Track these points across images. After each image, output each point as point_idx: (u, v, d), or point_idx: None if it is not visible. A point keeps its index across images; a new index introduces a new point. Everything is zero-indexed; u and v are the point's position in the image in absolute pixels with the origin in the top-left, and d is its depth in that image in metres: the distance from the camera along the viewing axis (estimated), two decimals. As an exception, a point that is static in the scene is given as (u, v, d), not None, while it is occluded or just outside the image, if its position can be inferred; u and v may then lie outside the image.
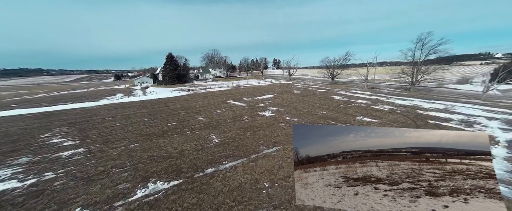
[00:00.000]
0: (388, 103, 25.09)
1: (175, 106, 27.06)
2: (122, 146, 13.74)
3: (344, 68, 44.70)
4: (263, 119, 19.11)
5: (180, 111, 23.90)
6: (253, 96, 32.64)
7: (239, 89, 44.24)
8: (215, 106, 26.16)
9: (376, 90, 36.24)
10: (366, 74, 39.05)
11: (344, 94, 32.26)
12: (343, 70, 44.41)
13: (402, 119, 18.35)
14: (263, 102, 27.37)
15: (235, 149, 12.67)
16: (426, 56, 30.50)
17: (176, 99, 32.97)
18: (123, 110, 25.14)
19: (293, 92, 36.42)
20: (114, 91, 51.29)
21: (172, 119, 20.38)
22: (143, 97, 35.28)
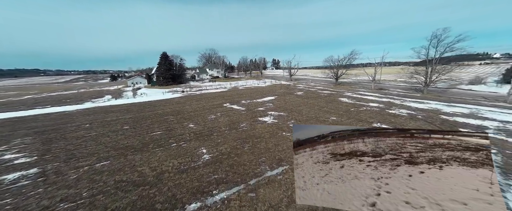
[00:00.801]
0: (404, 107, 22.35)
1: (164, 110, 24.14)
2: (87, 166, 10.86)
3: (349, 68, 41.90)
4: (264, 127, 16.28)
5: (169, 116, 21.01)
6: (252, 99, 29.81)
7: (237, 90, 41.40)
8: (209, 110, 23.29)
9: (385, 92, 33.54)
10: (373, 75, 36.33)
11: (352, 96, 29.51)
12: (348, 70, 41.62)
13: (427, 127, 15.58)
14: (263, 106, 24.55)
15: (229, 170, 9.84)
16: (441, 54, 27.86)
17: (167, 102, 30.04)
18: (105, 115, 22.20)
19: (296, 93, 33.63)
20: (104, 92, 48.25)
21: (158, 126, 17.49)
22: (131, 100, 32.33)
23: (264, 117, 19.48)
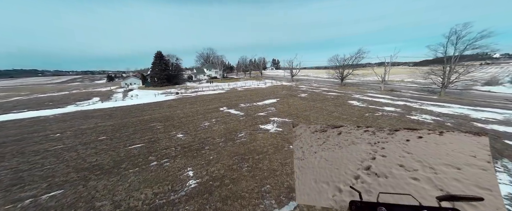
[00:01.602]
0: (424, 111, 19.63)
1: (152, 115, 21.33)
2: (30, 197, 8.07)
3: (356, 68, 39.02)
4: (266, 138, 13.54)
5: (156, 123, 18.22)
6: (252, 101, 27.04)
7: (236, 92, 38.61)
8: (203, 115, 20.50)
9: (397, 93, 30.83)
10: (383, 75, 33.58)
11: (362, 99, 26.77)
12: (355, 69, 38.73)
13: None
14: (264, 110, 21.79)
15: (221, 209, 7.06)
16: (462, 52, 25.16)
17: (158, 105, 27.21)
18: (82, 122, 19.37)
19: (299, 95, 30.87)
20: (94, 94, 45.32)
21: (140, 137, 14.70)
22: (119, 103, 29.49)
23: (266, 124, 16.73)
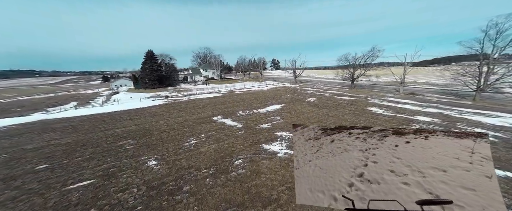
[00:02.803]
0: (473, 123, 15.41)
1: (127, 127, 17.00)
2: None
3: (369, 68, 34.53)
4: (274, 168, 9.31)
5: (128, 140, 13.92)
6: (252, 108, 22.75)
7: (234, 95, 34.28)
8: (191, 128, 16.21)
9: (420, 98, 26.62)
10: (402, 76, 29.36)
11: (383, 105, 22.54)
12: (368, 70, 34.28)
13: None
14: (267, 120, 17.54)
15: None
16: (503, 49, 21.10)
17: (139, 112, 22.85)
18: (34, 138, 15.04)
19: (307, 100, 26.61)
20: (76, 97, 40.88)
21: (95, 166, 10.41)
22: (96, 109, 25.12)
23: (272, 143, 12.49)
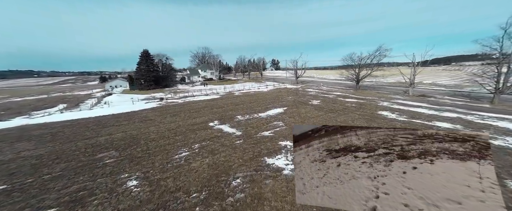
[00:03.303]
0: (502, 131, 13.64)
1: (113, 135, 15.15)
2: None
3: (377, 68, 32.62)
4: (280, 191, 7.56)
5: (110, 152, 12.10)
6: (252, 112, 20.94)
7: (233, 97, 32.46)
8: (184, 136, 14.39)
9: (433, 100, 24.85)
10: (412, 77, 27.64)
11: (395, 108, 20.76)
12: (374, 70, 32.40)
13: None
14: (269, 126, 15.73)
15: None
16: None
17: (129, 117, 21.01)
18: (2, 149, 13.18)
19: (311, 103, 24.80)
20: (66, 99, 38.98)
21: (64, 187, 8.60)
22: (83, 113, 23.28)
23: (275, 155, 10.68)
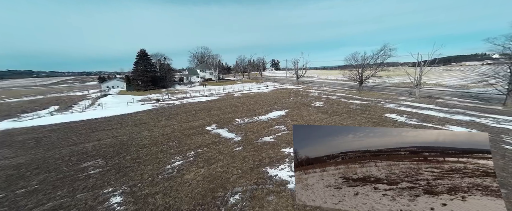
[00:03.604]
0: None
1: (102, 140, 14.05)
2: None
3: (382, 68, 31.41)
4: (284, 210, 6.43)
5: (97, 160, 11.01)
6: (253, 114, 19.86)
7: (232, 99, 31.37)
8: (179, 142, 13.30)
9: (441, 102, 23.79)
10: (418, 77, 26.55)
11: (402, 111, 19.70)
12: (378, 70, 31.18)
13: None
14: (271, 130, 14.65)
15: None
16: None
17: (122, 120, 19.90)
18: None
19: (314, 105, 23.72)
20: (61, 100, 37.84)
21: (41, 201, 7.57)
22: (74, 116, 22.15)
23: (278, 165, 9.61)
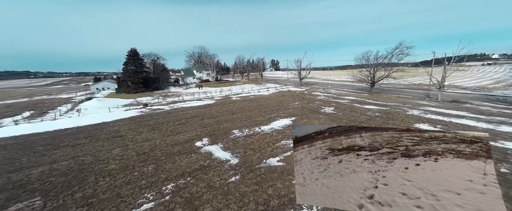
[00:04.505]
0: None
1: (56, 164, 10.71)
2: None
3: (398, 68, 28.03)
4: None
5: (34, 199, 7.71)
6: (253, 124, 16.60)
7: (229, 103, 28.03)
8: (156, 167, 10.00)
9: (471, 107, 20.61)
10: (441, 79, 23.38)
11: (432, 119, 16.47)
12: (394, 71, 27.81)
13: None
14: (277, 149, 11.39)
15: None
16: None
17: (97, 131, 16.54)
18: None
19: (324, 111, 20.48)
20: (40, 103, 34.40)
21: None
22: (43, 125, 18.83)
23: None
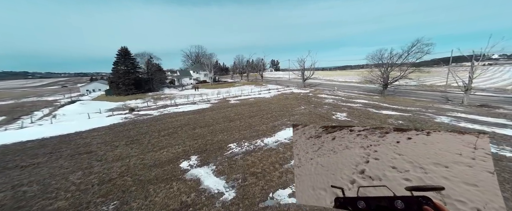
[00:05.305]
0: None
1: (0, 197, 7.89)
2: None
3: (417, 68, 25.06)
4: None
5: None
6: (254, 135, 13.79)
7: (227, 107, 25.17)
8: (120, 204, 7.16)
9: (504, 113, 17.85)
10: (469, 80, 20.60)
11: (469, 129, 13.71)
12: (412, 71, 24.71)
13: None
14: (287, 174, 8.59)
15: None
16: None
17: (62, 145, 13.69)
18: None
19: (335, 117, 17.66)
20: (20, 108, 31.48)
21: None
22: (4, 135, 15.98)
23: None
